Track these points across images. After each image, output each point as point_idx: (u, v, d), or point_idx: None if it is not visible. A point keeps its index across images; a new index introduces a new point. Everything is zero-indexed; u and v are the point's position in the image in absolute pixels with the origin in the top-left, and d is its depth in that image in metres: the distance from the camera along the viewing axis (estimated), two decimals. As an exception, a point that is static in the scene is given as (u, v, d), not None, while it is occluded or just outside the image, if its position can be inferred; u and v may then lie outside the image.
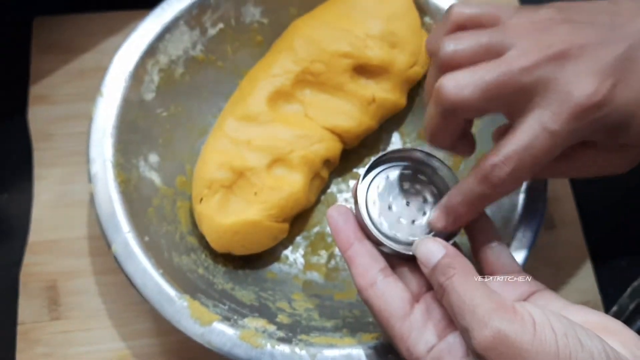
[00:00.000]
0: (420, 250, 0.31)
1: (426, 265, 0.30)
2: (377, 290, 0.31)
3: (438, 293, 0.30)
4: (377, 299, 0.31)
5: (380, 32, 0.43)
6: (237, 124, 0.42)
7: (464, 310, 0.27)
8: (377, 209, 0.34)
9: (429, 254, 0.30)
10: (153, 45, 0.42)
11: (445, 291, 0.29)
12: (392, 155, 0.35)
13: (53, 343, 0.41)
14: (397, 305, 0.30)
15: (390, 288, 0.31)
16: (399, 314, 0.30)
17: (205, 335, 0.35)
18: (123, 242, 0.37)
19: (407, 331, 0.30)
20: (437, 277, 0.29)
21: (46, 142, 0.47)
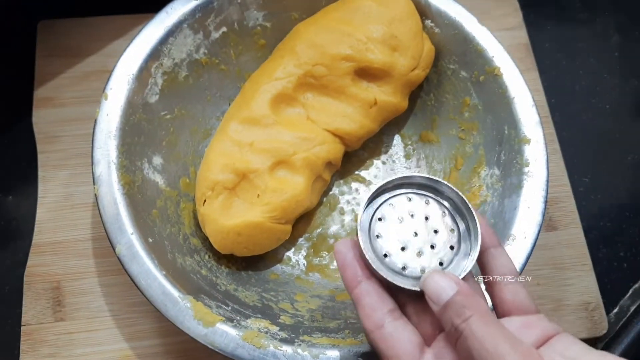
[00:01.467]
0: (429, 286, 0.29)
1: (436, 303, 0.28)
2: (384, 334, 0.29)
3: (451, 335, 0.28)
4: (384, 343, 0.29)
5: (382, 36, 0.43)
6: (240, 126, 0.42)
7: (487, 359, 0.26)
8: (382, 242, 0.31)
9: (439, 291, 0.28)
10: (157, 49, 0.42)
11: (462, 335, 0.27)
12: (394, 182, 0.32)
13: (57, 344, 0.42)
14: (406, 350, 0.28)
15: (399, 331, 0.29)
16: (409, 357, 0.28)
17: (208, 336, 0.35)
18: (127, 244, 0.37)
19: None
20: (451, 318, 0.27)
21: (51, 145, 0.47)
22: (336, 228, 0.45)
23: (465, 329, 0.27)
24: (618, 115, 0.53)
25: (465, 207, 0.32)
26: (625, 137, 0.52)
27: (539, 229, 0.39)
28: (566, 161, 0.50)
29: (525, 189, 0.40)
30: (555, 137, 0.51)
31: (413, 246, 0.31)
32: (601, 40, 0.56)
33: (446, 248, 0.31)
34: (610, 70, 0.55)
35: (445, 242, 0.31)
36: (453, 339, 0.28)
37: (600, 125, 0.53)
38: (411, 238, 0.31)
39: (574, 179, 0.50)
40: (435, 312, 0.28)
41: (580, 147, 0.52)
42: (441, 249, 0.31)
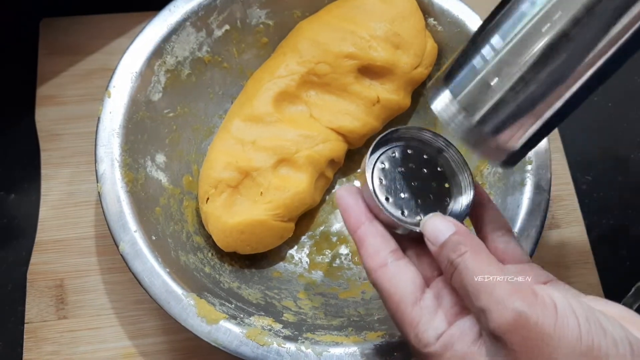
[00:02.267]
0: (427, 227, 0.30)
1: (434, 243, 0.29)
2: (387, 273, 0.30)
3: (447, 271, 0.28)
4: (388, 282, 0.29)
5: (385, 33, 0.43)
6: (242, 124, 0.42)
7: (479, 290, 0.26)
8: (383, 188, 0.32)
9: (437, 232, 0.29)
10: (160, 46, 0.42)
11: (457, 269, 0.28)
12: (399, 134, 0.34)
13: (60, 342, 0.42)
14: (408, 290, 0.29)
15: (401, 271, 0.30)
16: (410, 299, 0.29)
17: (211, 333, 0.35)
18: (130, 241, 0.37)
19: (417, 317, 0.29)
20: (447, 254, 0.28)
21: (53, 142, 0.47)
22: (339, 226, 0.45)
23: (460, 263, 0.28)
24: (621, 113, 0.53)
25: (460, 161, 0.34)
26: (628, 135, 0.52)
27: (542, 227, 0.39)
28: (569, 159, 0.50)
29: (528, 187, 0.40)
30: (558, 135, 0.51)
31: (411, 194, 0.33)
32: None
33: (442, 198, 0.33)
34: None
35: (441, 193, 0.33)
36: (448, 274, 0.28)
37: (603, 123, 0.53)
38: (410, 186, 0.33)
39: (576, 177, 0.50)
40: (433, 252, 0.29)
41: (583, 144, 0.51)
42: (437, 199, 0.33)
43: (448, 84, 0.30)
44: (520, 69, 0.28)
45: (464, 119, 0.29)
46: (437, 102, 0.30)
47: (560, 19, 0.27)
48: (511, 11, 0.28)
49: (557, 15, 0.27)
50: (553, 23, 0.27)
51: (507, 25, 0.28)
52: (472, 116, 0.29)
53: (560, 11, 0.27)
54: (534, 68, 0.27)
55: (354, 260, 0.44)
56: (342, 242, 0.44)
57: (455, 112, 0.29)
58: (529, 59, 0.27)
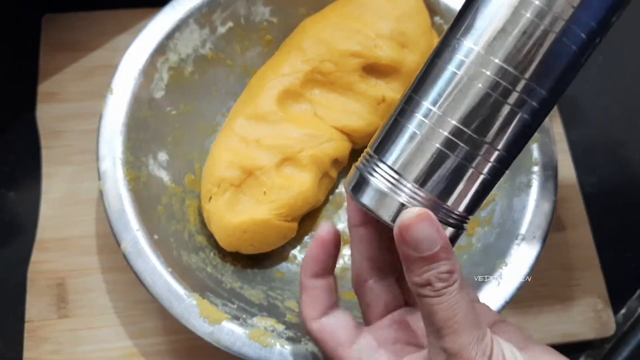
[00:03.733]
0: (412, 230, 0.25)
1: (415, 250, 0.25)
2: (323, 322, 0.30)
3: (419, 291, 0.26)
4: (322, 330, 0.30)
5: (390, 32, 0.43)
6: (246, 123, 0.42)
7: (450, 332, 0.25)
8: None
9: (424, 239, 0.25)
10: (163, 43, 0.42)
11: (437, 298, 0.25)
12: None
13: (61, 341, 0.41)
14: (344, 333, 0.30)
15: (337, 319, 0.30)
16: (347, 340, 0.30)
17: (214, 334, 0.35)
18: (132, 240, 0.37)
19: (357, 355, 0.29)
20: (431, 276, 0.25)
21: (55, 140, 0.47)
22: (342, 226, 0.45)
23: (444, 294, 0.25)
24: (627, 114, 0.53)
25: None
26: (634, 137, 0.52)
27: (549, 229, 0.39)
28: (575, 161, 0.50)
29: (534, 188, 0.40)
30: (564, 137, 0.50)
31: None
32: (611, 39, 0.56)
33: None
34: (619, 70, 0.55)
35: None
36: (421, 295, 0.26)
37: (609, 125, 0.53)
38: None
39: (582, 178, 0.49)
40: (406, 256, 0.26)
41: (589, 146, 0.51)
42: None
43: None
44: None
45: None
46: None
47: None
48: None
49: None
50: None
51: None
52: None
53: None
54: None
55: (358, 260, 0.44)
56: (346, 243, 0.44)
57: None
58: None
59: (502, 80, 0.26)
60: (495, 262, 0.39)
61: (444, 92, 0.26)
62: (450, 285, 0.25)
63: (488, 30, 0.26)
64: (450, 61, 0.27)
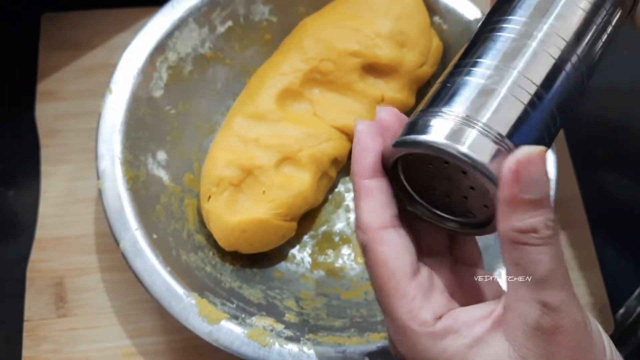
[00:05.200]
0: (532, 168, 0.22)
1: (530, 193, 0.22)
2: (387, 236, 0.25)
3: (521, 239, 0.23)
4: (386, 246, 0.25)
5: (390, 31, 0.43)
6: (245, 122, 0.42)
7: (556, 277, 0.23)
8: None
9: (539, 184, 0.23)
10: (162, 42, 0.42)
11: (546, 246, 0.23)
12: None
13: (59, 340, 0.41)
14: (407, 260, 0.25)
15: (402, 239, 0.26)
16: (408, 270, 0.25)
17: (213, 333, 0.35)
18: (131, 240, 0.37)
19: (414, 291, 0.25)
20: (539, 223, 0.23)
21: (53, 139, 0.47)
22: (341, 225, 0.45)
23: (552, 243, 0.23)
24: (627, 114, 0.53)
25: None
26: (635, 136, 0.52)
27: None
28: (574, 160, 0.50)
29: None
30: (563, 136, 0.50)
31: (442, 187, 0.27)
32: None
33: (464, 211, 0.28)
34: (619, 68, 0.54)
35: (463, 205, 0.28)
36: (523, 242, 0.23)
37: (609, 124, 0.53)
38: (436, 183, 0.28)
39: (581, 178, 0.49)
40: (514, 199, 0.23)
41: (589, 146, 0.51)
42: (459, 209, 0.28)
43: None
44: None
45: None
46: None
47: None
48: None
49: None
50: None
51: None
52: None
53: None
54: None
55: (357, 260, 0.44)
56: (345, 242, 0.44)
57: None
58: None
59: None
60: (494, 262, 0.39)
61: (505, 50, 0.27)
62: (557, 234, 0.23)
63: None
64: (506, 31, 0.28)
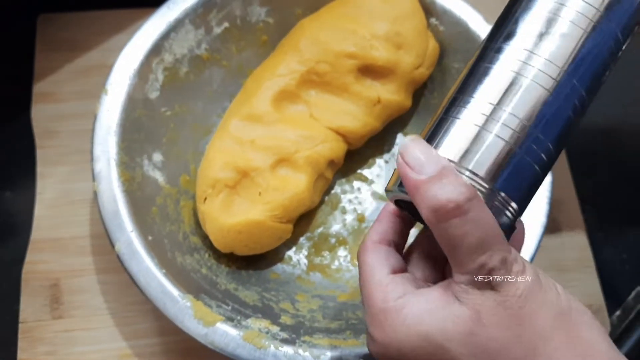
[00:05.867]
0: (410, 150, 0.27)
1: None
2: (373, 247, 0.30)
3: (448, 211, 0.26)
4: (370, 253, 0.30)
5: (386, 33, 0.43)
6: (241, 123, 0.42)
7: (491, 242, 0.26)
8: None
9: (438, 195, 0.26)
10: (158, 44, 0.42)
11: (468, 213, 0.26)
12: None
13: (55, 342, 0.41)
14: (386, 263, 0.29)
15: (389, 252, 0.30)
16: (387, 268, 0.29)
17: (208, 335, 0.35)
18: (127, 241, 0.37)
19: (392, 284, 0.28)
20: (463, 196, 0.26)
21: (50, 140, 0.47)
22: (338, 227, 0.45)
23: (469, 210, 0.26)
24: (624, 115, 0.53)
25: None
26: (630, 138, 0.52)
27: (543, 231, 0.39)
28: (570, 162, 0.50)
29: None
30: (560, 138, 0.50)
31: None
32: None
33: None
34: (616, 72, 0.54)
35: None
36: (449, 214, 0.26)
37: (606, 126, 0.53)
38: None
39: (578, 180, 0.49)
40: (413, 185, 0.26)
41: (585, 147, 0.51)
42: None
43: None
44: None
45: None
46: None
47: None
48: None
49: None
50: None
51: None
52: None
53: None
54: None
55: (353, 262, 0.43)
56: (341, 244, 0.44)
57: None
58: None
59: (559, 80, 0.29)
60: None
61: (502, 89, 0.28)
62: (474, 200, 0.26)
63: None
64: (501, 62, 0.28)
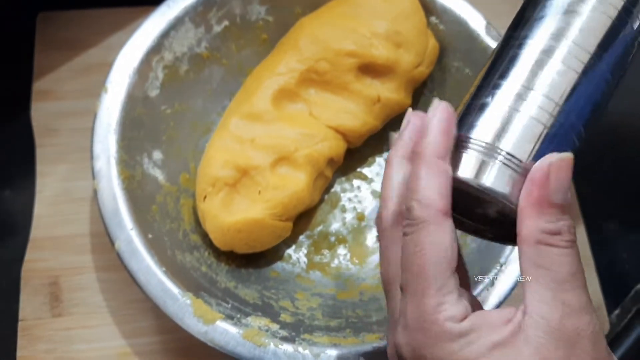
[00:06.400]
0: (563, 172, 0.25)
1: (557, 197, 0.25)
2: (447, 222, 0.25)
3: (549, 241, 0.24)
4: (444, 231, 0.25)
5: (386, 32, 0.43)
6: (241, 122, 0.42)
7: (577, 279, 0.25)
8: None
9: (565, 189, 0.25)
10: (158, 42, 0.42)
11: (570, 250, 0.24)
12: None
13: (54, 340, 0.41)
14: (455, 253, 0.25)
15: (455, 232, 0.25)
16: (453, 263, 0.25)
17: (208, 333, 0.35)
18: (127, 239, 0.37)
19: (451, 286, 0.25)
20: (565, 226, 0.25)
21: (49, 138, 0.47)
22: (337, 226, 0.45)
23: (574, 247, 0.25)
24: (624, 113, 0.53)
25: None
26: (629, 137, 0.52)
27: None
28: (570, 161, 0.50)
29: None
30: (559, 137, 0.50)
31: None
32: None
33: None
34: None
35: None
36: (550, 244, 0.24)
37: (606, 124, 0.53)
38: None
39: (577, 178, 0.49)
40: (544, 201, 0.25)
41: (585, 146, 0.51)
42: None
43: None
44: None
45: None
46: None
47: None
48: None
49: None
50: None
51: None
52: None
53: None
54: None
55: (353, 260, 0.44)
56: (341, 242, 0.44)
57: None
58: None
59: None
60: (490, 263, 0.39)
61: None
62: (576, 240, 0.25)
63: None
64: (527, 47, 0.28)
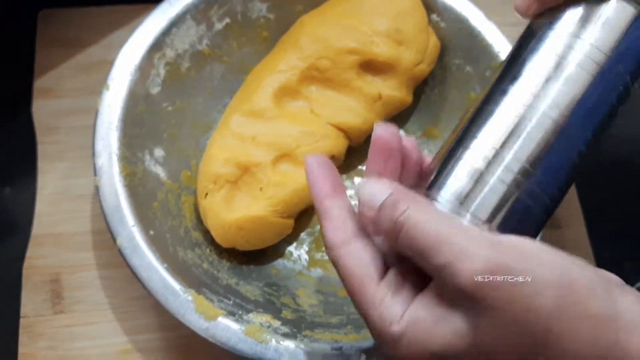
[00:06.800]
0: (363, 191, 0.27)
1: (370, 207, 0.26)
2: (352, 249, 0.27)
3: (392, 236, 0.25)
4: (351, 258, 0.27)
5: (387, 29, 0.43)
6: (242, 119, 0.42)
7: (436, 243, 0.24)
8: None
9: (372, 195, 0.27)
10: (159, 39, 0.42)
11: (404, 227, 0.25)
12: None
13: (56, 337, 0.41)
14: (372, 267, 0.27)
15: (365, 249, 0.27)
16: (374, 276, 0.26)
17: (210, 329, 0.35)
18: (128, 236, 0.37)
19: (382, 294, 0.26)
20: (388, 214, 0.26)
21: (51, 136, 0.47)
22: (338, 223, 0.45)
23: (405, 221, 0.25)
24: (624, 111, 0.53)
25: None
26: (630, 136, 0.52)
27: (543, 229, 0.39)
28: (570, 158, 0.50)
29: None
30: (560, 135, 0.50)
31: None
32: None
33: None
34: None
35: None
36: (394, 238, 0.25)
37: (606, 123, 0.53)
38: None
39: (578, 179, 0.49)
40: (371, 218, 0.27)
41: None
42: None
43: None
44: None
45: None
46: None
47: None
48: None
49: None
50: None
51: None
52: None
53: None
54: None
55: (354, 257, 0.44)
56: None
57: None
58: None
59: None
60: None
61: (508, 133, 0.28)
62: (405, 210, 0.26)
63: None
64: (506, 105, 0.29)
